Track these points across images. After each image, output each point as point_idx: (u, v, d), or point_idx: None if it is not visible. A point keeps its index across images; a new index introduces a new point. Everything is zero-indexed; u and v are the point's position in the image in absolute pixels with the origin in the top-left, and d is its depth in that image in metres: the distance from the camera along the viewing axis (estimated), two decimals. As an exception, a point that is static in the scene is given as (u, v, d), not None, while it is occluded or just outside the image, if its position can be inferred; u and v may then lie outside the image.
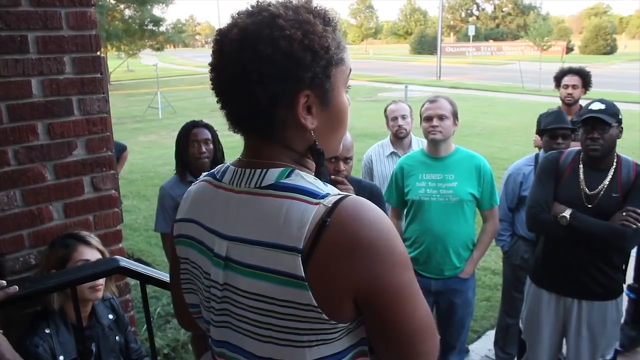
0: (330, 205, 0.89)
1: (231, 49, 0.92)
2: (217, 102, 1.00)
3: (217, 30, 0.98)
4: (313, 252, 0.88)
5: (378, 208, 0.93)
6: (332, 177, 2.23)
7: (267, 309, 0.93)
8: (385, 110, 3.97)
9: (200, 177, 1.15)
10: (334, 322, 0.92)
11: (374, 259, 0.89)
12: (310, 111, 0.96)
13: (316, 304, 0.89)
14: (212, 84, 0.99)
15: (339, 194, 0.92)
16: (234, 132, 1.02)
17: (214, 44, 0.98)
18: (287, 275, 0.89)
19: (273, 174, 0.96)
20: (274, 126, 0.96)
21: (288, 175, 0.95)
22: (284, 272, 0.89)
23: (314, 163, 1.02)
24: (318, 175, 1.00)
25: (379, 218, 0.91)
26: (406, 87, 15.03)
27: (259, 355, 0.97)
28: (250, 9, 0.96)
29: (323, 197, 0.91)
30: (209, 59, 0.99)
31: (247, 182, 0.98)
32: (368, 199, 0.96)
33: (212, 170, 1.11)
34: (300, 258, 0.88)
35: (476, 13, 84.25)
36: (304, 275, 0.88)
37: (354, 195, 0.93)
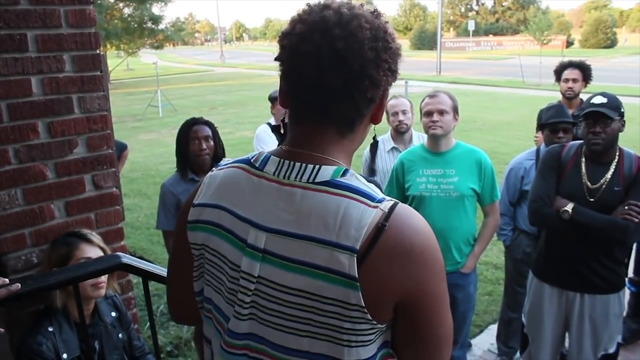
0: (386, 210, 0.93)
1: (366, 36, 0.93)
2: (293, 90, 1.00)
3: (319, 17, 0.94)
4: (368, 254, 0.90)
5: (422, 217, 0.98)
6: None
7: (309, 305, 0.93)
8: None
9: (225, 162, 1.11)
10: (375, 323, 0.93)
11: (422, 266, 0.94)
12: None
13: (364, 305, 0.90)
14: (319, 67, 0.93)
15: (392, 200, 0.96)
16: (296, 120, 1.02)
17: (334, 29, 0.93)
18: (339, 274, 0.90)
19: (327, 171, 0.96)
20: (362, 120, 1.02)
21: (343, 174, 0.97)
22: (336, 270, 0.90)
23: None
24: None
25: (428, 227, 0.97)
26: (406, 82, 14.98)
27: (295, 349, 0.96)
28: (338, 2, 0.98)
29: (379, 201, 0.94)
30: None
31: (298, 176, 0.96)
32: None
33: (243, 157, 1.07)
34: (356, 258, 0.89)
35: (476, 8, 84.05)
36: (357, 275, 0.89)
37: (401, 203, 0.97)
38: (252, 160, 1.04)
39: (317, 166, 0.96)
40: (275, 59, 1.00)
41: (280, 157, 1.00)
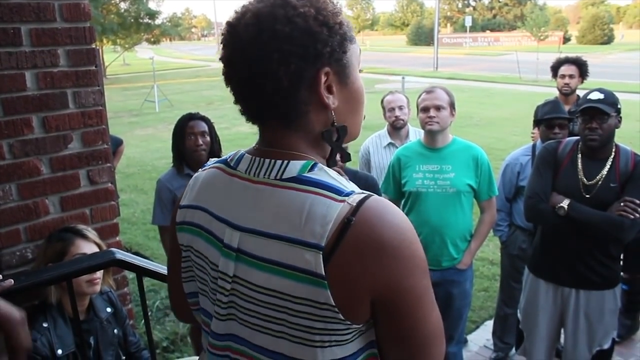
0: (354, 204, 0.87)
1: (248, 34, 0.91)
2: (233, 94, 0.98)
3: (226, 23, 0.97)
4: (335, 251, 0.85)
5: (400, 210, 0.92)
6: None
7: (281, 305, 0.90)
8: (382, 101, 3.96)
9: (209, 163, 1.10)
10: (349, 323, 0.90)
11: (397, 261, 0.88)
12: (331, 90, 0.95)
13: (334, 304, 0.87)
14: (227, 77, 0.96)
15: (363, 193, 0.90)
16: (252, 123, 0.99)
17: (225, 35, 0.96)
18: (305, 272, 0.87)
19: (295, 167, 0.93)
20: (296, 109, 0.94)
21: (311, 169, 0.93)
22: (303, 268, 0.87)
23: (327, 148, 1.00)
24: (332, 157, 0.99)
25: (403, 221, 0.90)
26: (403, 78, 14.97)
27: (272, 350, 0.95)
28: None
29: (347, 194, 0.89)
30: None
31: (267, 173, 0.94)
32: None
33: (223, 157, 1.07)
34: (321, 256, 0.85)
35: (473, 4, 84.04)
36: (324, 273, 0.85)
37: (376, 195, 0.91)
38: (228, 160, 1.04)
39: (286, 162, 0.94)
40: None
41: (252, 155, 0.99)
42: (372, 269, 0.86)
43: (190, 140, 3.15)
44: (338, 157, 1.01)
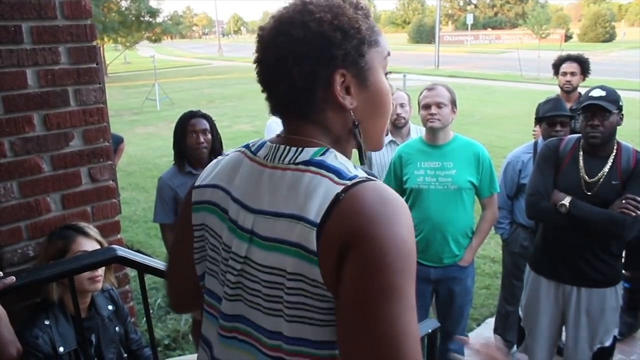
0: (355, 182, 0.90)
1: (269, 37, 0.98)
2: (262, 92, 1.04)
3: (258, 27, 1.04)
4: (324, 226, 0.87)
5: (404, 202, 0.91)
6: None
7: (278, 282, 0.93)
8: (383, 99, 3.95)
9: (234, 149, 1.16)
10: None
11: (371, 227, 0.84)
12: (349, 91, 0.98)
13: (322, 281, 0.88)
14: (257, 76, 1.03)
15: (367, 177, 0.92)
16: (276, 116, 1.05)
17: (256, 38, 1.03)
18: (299, 247, 0.89)
19: (308, 152, 0.97)
20: (313, 106, 0.98)
21: (323, 154, 0.97)
22: (299, 244, 0.89)
23: (353, 146, 1.04)
24: (360, 157, 1.02)
25: (395, 202, 0.88)
26: (404, 76, 14.99)
27: (271, 330, 0.96)
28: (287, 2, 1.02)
29: (350, 178, 0.91)
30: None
31: (282, 158, 0.99)
32: None
33: (247, 142, 1.12)
34: (315, 232, 0.88)
35: (474, 1, 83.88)
36: (315, 249, 0.87)
37: (380, 182, 0.92)
38: (250, 145, 1.09)
39: (301, 148, 0.98)
40: None
41: (273, 143, 1.03)
42: (344, 229, 0.85)
43: (192, 138, 3.15)
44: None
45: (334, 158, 0.96)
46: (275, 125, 4.37)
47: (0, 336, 1.40)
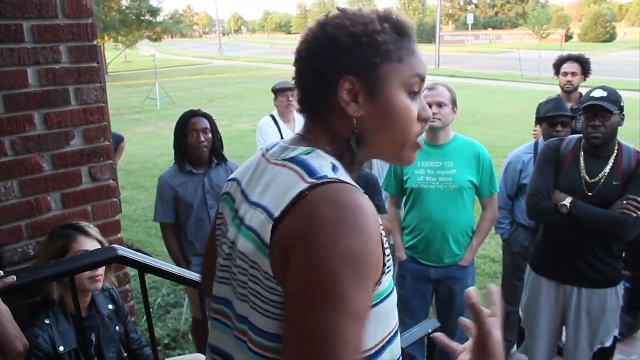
0: (319, 182, 0.89)
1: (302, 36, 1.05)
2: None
3: None
4: (280, 222, 0.88)
5: (372, 209, 0.88)
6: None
7: (244, 268, 0.97)
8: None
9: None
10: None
11: (317, 233, 0.83)
12: (357, 100, 0.99)
13: (272, 274, 0.89)
14: None
15: (336, 179, 0.90)
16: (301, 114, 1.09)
17: None
18: (259, 237, 0.92)
19: (298, 151, 0.99)
20: (318, 106, 1.01)
21: (309, 153, 0.98)
22: (258, 234, 0.92)
23: (347, 153, 1.02)
24: (352, 161, 1.01)
25: (358, 212, 0.85)
26: (405, 76, 14.99)
27: (239, 314, 1.00)
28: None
29: (320, 177, 0.90)
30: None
31: (280, 156, 1.02)
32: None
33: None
34: (271, 226, 0.89)
35: (475, 1, 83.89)
36: (269, 243, 0.89)
37: (354, 187, 0.91)
38: (269, 146, 1.13)
39: (296, 147, 1.01)
40: None
41: (284, 143, 1.07)
42: (295, 233, 0.86)
43: (192, 137, 3.15)
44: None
45: (316, 158, 0.96)
46: (267, 127, 4.38)
47: (6, 332, 1.42)
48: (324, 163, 0.95)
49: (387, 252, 0.97)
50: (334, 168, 0.95)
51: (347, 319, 0.80)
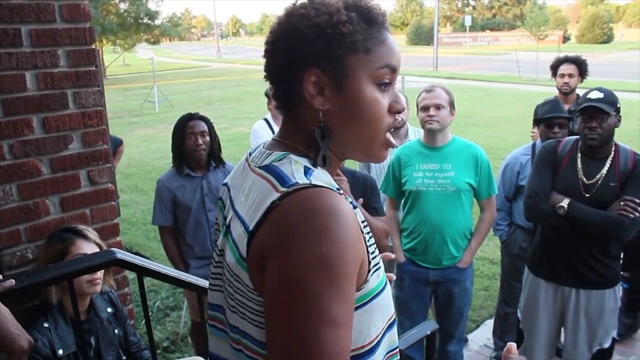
0: (290, 190, 0.87)
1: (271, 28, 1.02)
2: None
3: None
4: (255, 234, 0.88)
5: (346, 211, 0.86)
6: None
7: (230, 280, 0.97)
8: (381, 101, 3.95)
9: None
10: None
11: (289, 241, 0.82)
12: (323, 93, 0.96)
13: (252, 287, 0.90)
14: None
15: (310, 184, 0.88)
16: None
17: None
18: (239, 251, 0.92)
19: (272, 157, 0.99)
20: (288, 100, 1.00)
21: (281, 159, 0.96)
22: (238, 248, 0.93)
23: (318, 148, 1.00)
24: (317, 156, 0.98)
25: (329, 209, 0.84)
26: (403, 78, 14.95)
27: (232, 324, 0.99)
28: None
29: (290, 185, 0.88)
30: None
31: (258, 162, 1.02)
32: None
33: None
34: (246, 239, 0.89)
35: (472, 3, 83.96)
36: (246, 256, 0.89)
37: (327, 190, 0.88)
38: (252, 149, 1.13)
39: (271, 152, 1.00)
40: None
41: (263, 147, 1.06)
42: (270, 244, 0.85)
43: (190, 140, 3.15)
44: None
45: (289, 164, 0.94)
46: (261, 130, 4.38)
47: (8, 331, 1.43)
48: (296, 168, 0.93)
49: (373, 249, 0.95)
50: (307, 172, 0.92)
51: (323, 326, 0.79)
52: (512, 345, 1.03)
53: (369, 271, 0.92)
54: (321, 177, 0.93)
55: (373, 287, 0.94)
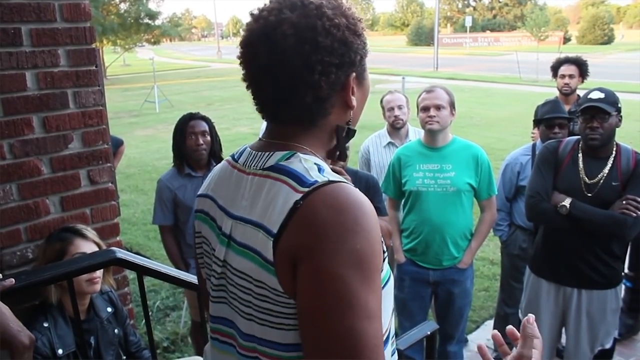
0: (311, 189, 0.88)
1: (288, 44, 0.92)
2: (257, 96, 1.01)
3: (255, 31, 0.96)
4: (281, 236, 0.88)
5: (368, 204, 0.88)
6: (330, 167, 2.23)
7: (248, 287, 0.95)
8: (381, 101, 3.96)
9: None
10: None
11: (322, 239, 0.83)
12: (354, 92, 1.01)
13: (282, 290, 0.89)
14: (259, 81, 0.98)
15: (328, 180, 0.90)
16: (267, 120, 1.04)
17: (257, 44, 0.95)
18: (260, 256, 0.91)
19: (275, 157, 0.97)
20: (324, 112, 0.99)
21: (288, 158, 0.96)
22: (259, 252, 0.91)
23: (331, 143, 1.04)
24: (341, 151, 1.04)
25: (354, 206, 0.86)
26: (403, 78, 14.95)
27: (246, 332, 0.98)
28: (283, 2, 0.96)
29: (310, 184, 0.89)
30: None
31: (255, 164, 1.00)
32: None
33: (235, 150, 1.14)
34: (272, 242, 0.88)
35: (473, 4, 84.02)
36: (272, 259, 0.88)
37: (345, 184, 0.90)
38: (234, 153, 1.11)
39: (271, 153, 0.99)
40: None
41: (252, 149, 1.05)
42: (300, 245, 0.86)
43: (191, 140, 3.15)
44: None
45: (299, 162, 0.95)
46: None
47: (8, 328, 1.43)
48: (309, 166, 0.94)
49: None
50: (320, 169, 0.94)
51: (363, 321, 0.82)
52: (531, 316, 1.04)
53: (383, 260, 0.95)
54: (331, 172, 0.96)
55: (385, 275, 0.96)
